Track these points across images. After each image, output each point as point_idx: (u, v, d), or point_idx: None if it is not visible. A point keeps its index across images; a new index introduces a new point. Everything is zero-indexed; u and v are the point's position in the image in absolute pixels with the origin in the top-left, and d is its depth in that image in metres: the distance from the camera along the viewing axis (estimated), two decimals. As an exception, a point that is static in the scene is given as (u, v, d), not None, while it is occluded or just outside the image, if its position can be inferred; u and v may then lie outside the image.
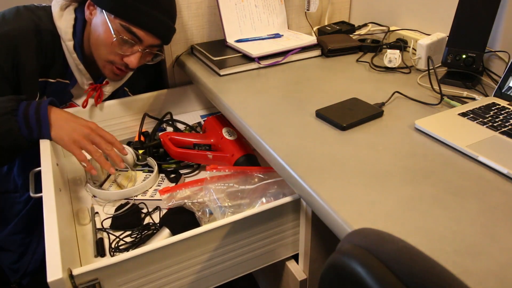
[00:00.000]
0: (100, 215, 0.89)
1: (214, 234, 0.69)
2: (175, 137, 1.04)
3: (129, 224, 0.86)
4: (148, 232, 0.84)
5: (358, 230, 0.40)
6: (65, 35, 0.98)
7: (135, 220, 0.88)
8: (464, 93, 0.90)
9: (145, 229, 0.85)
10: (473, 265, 0.48)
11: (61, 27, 0.97)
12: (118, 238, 0.83)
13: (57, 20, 0.97)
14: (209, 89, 0.99)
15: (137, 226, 0.86)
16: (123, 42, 0.96)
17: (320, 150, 0.71)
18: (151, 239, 0.80)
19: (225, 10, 1.17)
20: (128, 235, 0.84)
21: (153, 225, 0.86)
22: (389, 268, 0.34)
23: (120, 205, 0.91)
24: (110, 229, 0.85)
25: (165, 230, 0.80)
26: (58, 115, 0.87)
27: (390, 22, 1.28)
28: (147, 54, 1.02)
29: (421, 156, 0.69)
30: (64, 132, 0.85)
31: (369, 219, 0.55)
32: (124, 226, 0.86)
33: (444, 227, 0.54)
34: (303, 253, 0.79)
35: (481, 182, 0.62)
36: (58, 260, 0.58)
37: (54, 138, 0.85)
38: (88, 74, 1.03)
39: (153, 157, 1.04)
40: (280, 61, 1.10)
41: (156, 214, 0.90)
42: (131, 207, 0.90)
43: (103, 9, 0.94)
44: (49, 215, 0.67)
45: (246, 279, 1.19)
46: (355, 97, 0.89)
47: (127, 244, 0.82)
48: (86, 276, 0.60)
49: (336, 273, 0.38)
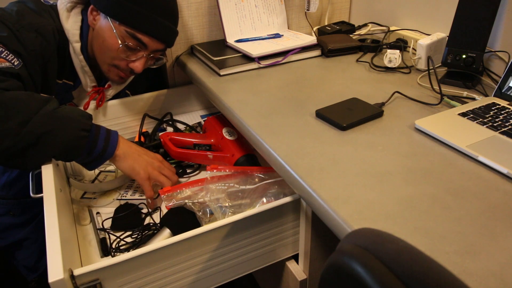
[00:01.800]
0: (101, 215, 0.90)
1: (214, 234, 0.69)
2: (175, 137, 1.04)
3: (129, 224, 0.87)
4: (148, 232, 0.85)
5: (358, 230, 0.40)
6: (73, 37, 0.97)
7: (136, 221, 0.88)
8: (464, 93, 0.90)
9: (146, 229, 0.86)
10: (473, 265, 0.48)
11: (69, 28, 0.97)
12: (118, 239, 0.83)
13: (64, 21, 0.97)
14: (209, 89, 0.99)
15: (137, 226, 0.86)
16: (128, 48, 0.96)
17: (320, 150, 0.71)
18: (152, 239, 0.80)
19: (225, 10, 1.17)
20: (129, 235, 0.85)
21: (153, 225, 0.86)
22: (389, 268, 0.34)
23: (119, 206, 0.91)
24: (111, 229, 0.86)
25: (166, 230, 0.80)
26: (128, 147, 0.88)
27: (390, 22, 1.28)
28: (151, 58, 1.03)
29: (421, 156, 0.69)
30: (139, 166, 0.88)
31: (369, 219, 0.55)
32: (124, 227, 0.86)
33: (444, 227, 0.54)
34: (303, 253, 0.79)
35: (481, 182, 0.62)
36: (59, 260, 0.58)
37: (128, 172, 0.87)
38: (93, 76, 1.04)
39: None
40: (280, 61, 1.10)
41: (157, 214, 0.91)
42: (131, 208, 0.90)
43: (107, 15, 0.94)
44: (50, 215, 0.67)
45: (246, 279, 1.19)
46: (355, 97, 0.89)
47: (127, 244, 0.82)
48: (87, 277, 0.60)
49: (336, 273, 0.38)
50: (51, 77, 0.96)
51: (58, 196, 0.73)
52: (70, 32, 0.97)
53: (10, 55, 0.83)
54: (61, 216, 0.70)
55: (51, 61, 0.94)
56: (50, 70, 0.95)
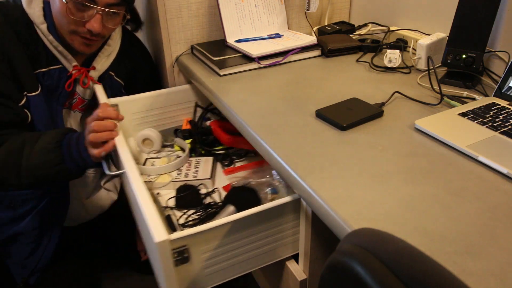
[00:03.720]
0: (162, 195, 0.97)
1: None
2: (224, 125, 1.10)
3: (191, 203, 0.95)
4: (211, 210, 0.91)
5: (358, 230, 0.40)
6: (38, 19, 0.96)
7: (197, 200, 0.96)
8: (464, 93, 0.90)
9: (208, 207, 0.93)
10: (473, 265, 0.48)
11: (31, 12, 0.95)
12: (185, 214, 0.92)
13: (27, 7, 0.96)
14: (209, 89, 0.99)
15: (199, 205, 0.94)
16: (77, 7, 0.92)
17: (320, 150, 0.71)
18: (218, 216, 0.85)
19: (225, 10, 1.17)
20: (193, 213, 0.93)
21: (214, 204, 0.95)
22: (389, 268, 0.34)
23: (179, 187, 1.00)
24: (175, 208, 0.94)
25: (230, 207, 0.85)
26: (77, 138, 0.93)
27: (390, 22, 1.28)
28: (111, 17, 0.98)
29: (421, 156, 0.69)
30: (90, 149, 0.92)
31: (369, 219, 0.55)
32: (187, 205, 0.94)
33: (444, 227, 0.54)
34: (303, 253, 0.79)
35: (481, 182, 0.62)
36: (160, 224, 0.63)
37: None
38: (70, 54, 1.02)
39: (202, 144, 1.13)
40: (280, 61, 1.10)
41: (215, 195, 0.99)
42: (191, 188, 0.99)
43: None
44: (138, 186, 0.72)
45: (246, 279, 1.19)
46: (355, 97, 0.89)
47: (194, 221, 0.89)
48: (179, 242, 0.66)
49: (336, 273, 0.38)
50: (25, 69, 0.95)
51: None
52: (35, 15, 0.95)
53: None
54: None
55: (15, 53, 0.93)
56: (18, 62, 0.94)
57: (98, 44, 1.06)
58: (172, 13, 1.15)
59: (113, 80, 1.16)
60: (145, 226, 0.65)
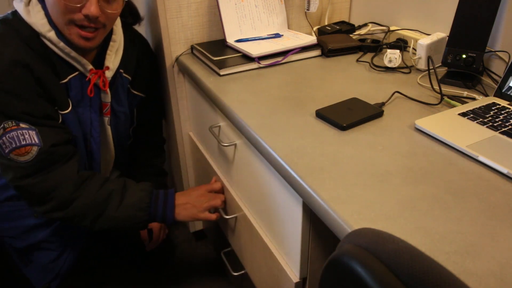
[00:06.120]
0: None
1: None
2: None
3: None
4: None
5: (358, 230, 0.40)
6: (43, 28, 0.89)
7: None
8: (464, 93, 0.90)
9: None
10: (473, 265, 0.48)
11: (35, 22, 0.89)
12: None
13: (27, 18, 0.89)
14: (209, 89, 0.99)
15: None
16: None
17: (320, 150, 0.71)
18: None
19: (225, 10, 1.17)
20: None
21: None
22: (389, 268, 0.34)
23: None
24: None
25: None
26: (181, 203, 1.04)
27: (390, 22, 1.28)
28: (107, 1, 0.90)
29: (421, 156, 0.69)
30: (194, 212, 1.04)
31: (369, 219, 0.55)
32: None
33: (444, 227, 0.54)
34: (303, 253, 0.79)
35: (481, 182, 0.62)
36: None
37: (189, 220, 1.06)
38: (84, 59, 0.96)
39: None
40: (280, 61, 1.10)
41: None
42: None
43: None
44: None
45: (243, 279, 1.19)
46: (355, 97, 0.89)
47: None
48: None
49: (336, 273, 0.38)
50: (53, 86, 0.92)
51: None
52: (38, 23, 0.89)
53: (24, 132, 0.88)
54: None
55: (41, 71, 0.90)
56: (46, 80, 0.91)
57: (100, 37, 0.97)
58: (172, 13, 1.15)
59: (123, 78, 1.12)
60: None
